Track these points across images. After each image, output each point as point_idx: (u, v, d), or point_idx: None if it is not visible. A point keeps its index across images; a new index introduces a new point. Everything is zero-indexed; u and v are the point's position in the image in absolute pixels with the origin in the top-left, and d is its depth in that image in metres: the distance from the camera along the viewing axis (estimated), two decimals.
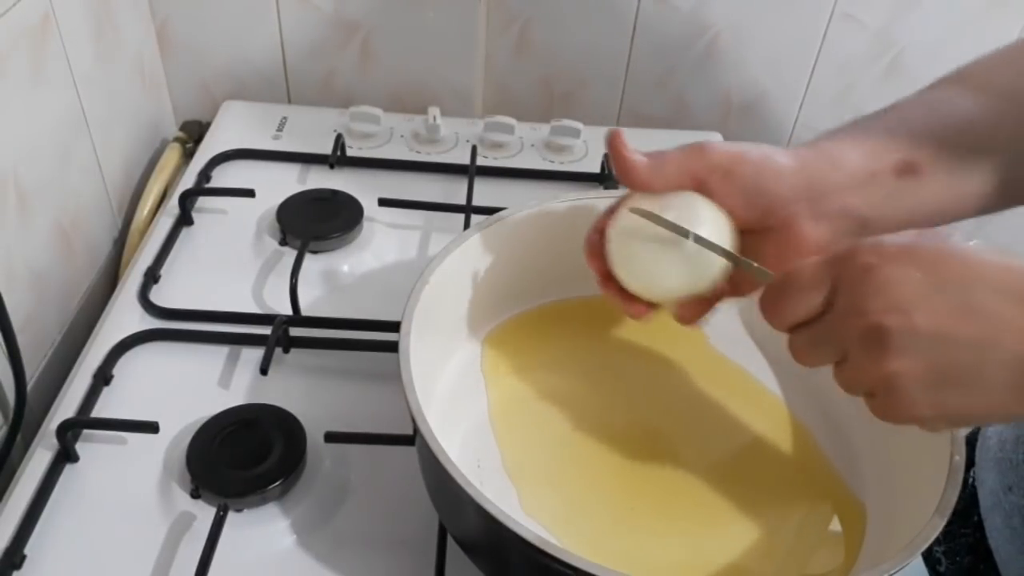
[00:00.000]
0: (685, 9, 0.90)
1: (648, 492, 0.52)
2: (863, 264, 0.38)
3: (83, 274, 0.76)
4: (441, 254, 0.54)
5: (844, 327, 0.39)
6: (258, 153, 0.83)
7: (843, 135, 0.49)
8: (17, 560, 0.50)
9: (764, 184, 0.46)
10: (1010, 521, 0.57)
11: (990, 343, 0.36)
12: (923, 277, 0.37)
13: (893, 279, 0.37)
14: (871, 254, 0.38)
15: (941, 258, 0.38)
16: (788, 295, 0.41)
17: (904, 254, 0.38)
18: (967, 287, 0.37)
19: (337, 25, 0.90)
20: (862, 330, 0.38)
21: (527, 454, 0.53)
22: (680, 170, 0.47)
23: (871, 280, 0.38)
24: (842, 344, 0.39)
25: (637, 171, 0.47)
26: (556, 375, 0.58)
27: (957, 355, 0.37)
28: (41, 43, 0.67)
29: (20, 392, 0.61)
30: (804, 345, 0.41)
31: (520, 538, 0.39)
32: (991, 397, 0.37)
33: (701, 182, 0.47)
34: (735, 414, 0.57)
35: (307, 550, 0.53)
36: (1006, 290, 0.37)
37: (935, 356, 0.37)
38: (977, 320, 0.37)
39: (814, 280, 0.40)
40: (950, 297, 0.37)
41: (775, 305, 0.42)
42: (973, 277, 0.37)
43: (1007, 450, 0.59)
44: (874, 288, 0.38)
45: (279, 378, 0.62)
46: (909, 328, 0.37)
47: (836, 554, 0.49)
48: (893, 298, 0.37)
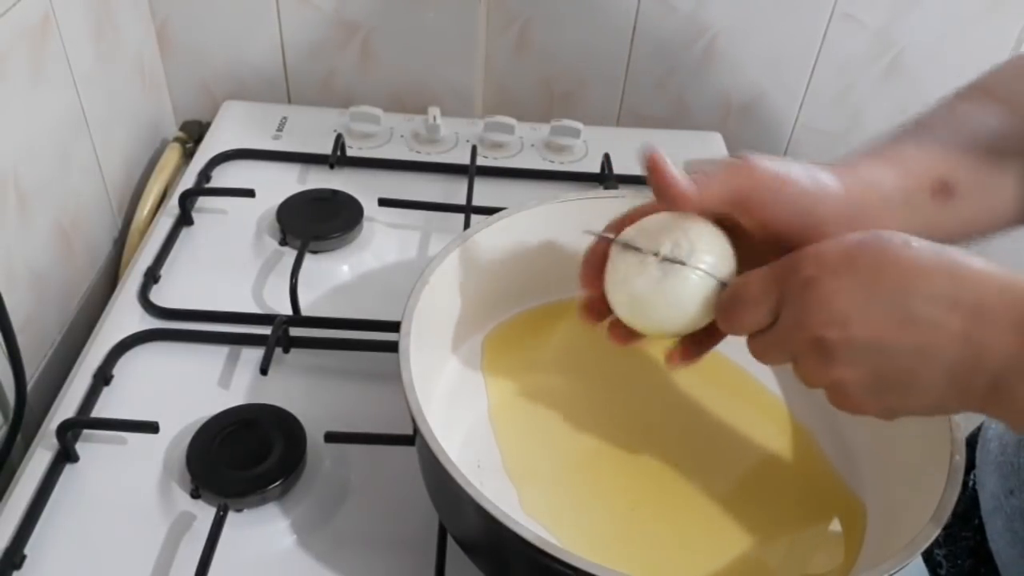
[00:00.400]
0: (685, 10, 0.90)
1: (648, 492, 0.52)
2: (804, 278, 0.40)
3: (83, 274, 0.76)
4: (441, 254, 0.54)
5: (790, 338, 0.41)
6: (258, 153, 0.83)
7: (877, 156, 0.48)
8: (17, 560, 0.50)
9: (809, 206, 0.45)
10: (1011, 524, 0.57)
11: (926, 349, 0.38)
12: (861, 288, 0.39)
13: (833, 292, 0.39)
14: (812, 266, 0.40)
15: (879, 266, 0.39)
16: (738, 307, 0.43)
17: (844, 265, 0.40)
18: (903, 295, 0.38)
19: (337, 25, 0.90)
20: (807, 341, 0.40)
21: (527, 454, 0.54)
22: (726, 188, 0.45)
23: (812, 294, 0.40)
24: (790, 350, 0.42)
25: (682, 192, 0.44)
26: (556, 375, 0.58)
27: (896, 362, 0.39)
28: (41, 43, 0.67)
29: (20, 392, 0.61)
30: (759, 349, 0.44)
31: (520, 538, 0.39)
32: (930, 398, 0.39)
33: (745, 199, 0.45)
34: (736, 415, 0.57)
35: (307, 550, 0.53)
36: (940, 296, 0.38)
37: (875, 364, 0.39)
38: (913, 328, 0.38)
39: (761, 293, 0.42)
40: (887, 307, 0.38)
41: (729, 316, 0.44)
42: (909, 285, 0.38)
43: (1008, 453, 0.59)
44: (815, 302, 0.39)
45: (279, 378, 0.62)
46: (848, 340, 0.39)
47: (836, 554, 0.49)
48: (832, 312, 0.39)
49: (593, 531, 0.50)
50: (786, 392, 0.58)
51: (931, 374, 0.38)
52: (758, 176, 0.45)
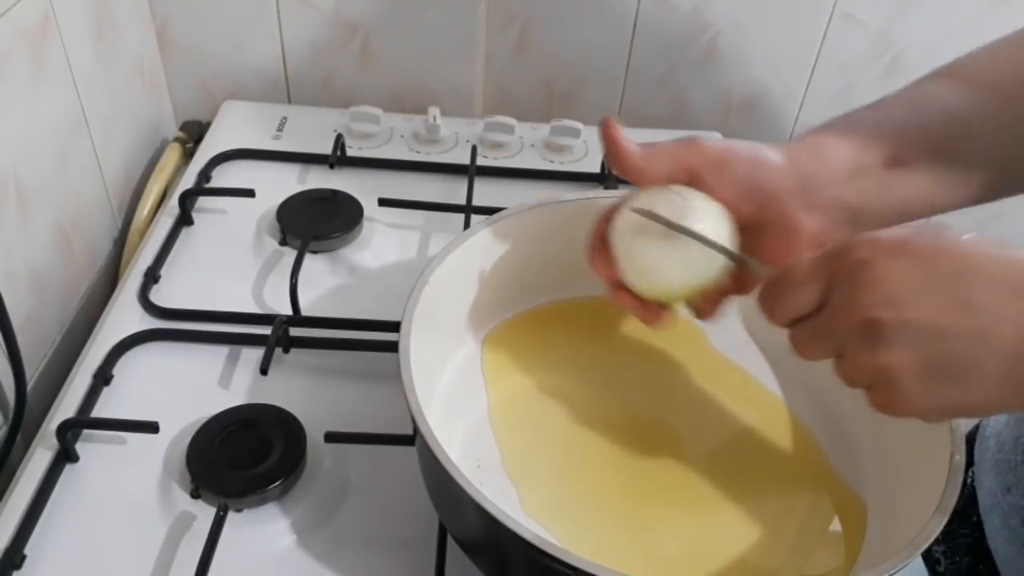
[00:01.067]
0: (685, 9, 0.90)
1: (648, 492, 0.52)
2: (858, 259, 0.39)
3: (83, 274, 0.76)
4: (441, 254, 0.54)
5: (840, 321, 0.39)
6: (258, 153, 0.83)
7: (830, 130, 0.49)
8: (17, 560, 0.50)
9: (757, 178, 0.46)
10: (1008, 522, 0.57)
11: (984, 335, 0.37)
12: (917, 271, 0.38)
13: (887, 273, 0.38)
14: (866, 249, 0.39)
15: (936, 252, 0.38)
16: (785, 290, 0.41)
17: (899, 248, 0.38)
18: (961, 280, 0.37)
19: (337, 25, 0.90)
20: (857, 324, 0.38)
21: (527, 454, 0.53)
22: (673, 160, 0.47)
23: (865, 275, 0.38)
24: (839, 338, 0.40)
25: (631, 159, 0.47)
26: (556, 375, 0.58)
27: (951, 347, 0.37)
28: (41, 43, 0.67)
29: (20, 392, 0.61)
30: (803, 339, 0.42)
31: (520, 538, 0.39)
32: (986, 389, 0.38)
33: (694, 174, 0.47)
34: (735, 414, 0.57)
35: (307, 550, 0.53)
36: (1000, 282, 0.37)
37: (929, 349, 0.37)
38: (971, 312, 0.37)
39: (810, 275, 0.40)
40: (944, 290, 0.37)
41: (772, 301, 0.42)
42: (967, 270, 0.37)
43: (1006, 451, 0.59)
44: (868, 282, 0.38)
45: (279, 378, 0.62)
46: (902, 321, 0.37)
47: (836, 554, 0.49)
48: (887, 292, 0.38)
49: (593, 531, 0.50)
50: (786, 392, 0.58)
51: (988, 362, 0.37)
52: (702, 149, 0.47)
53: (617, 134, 0.47)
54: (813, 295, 0.40)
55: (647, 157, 0.47)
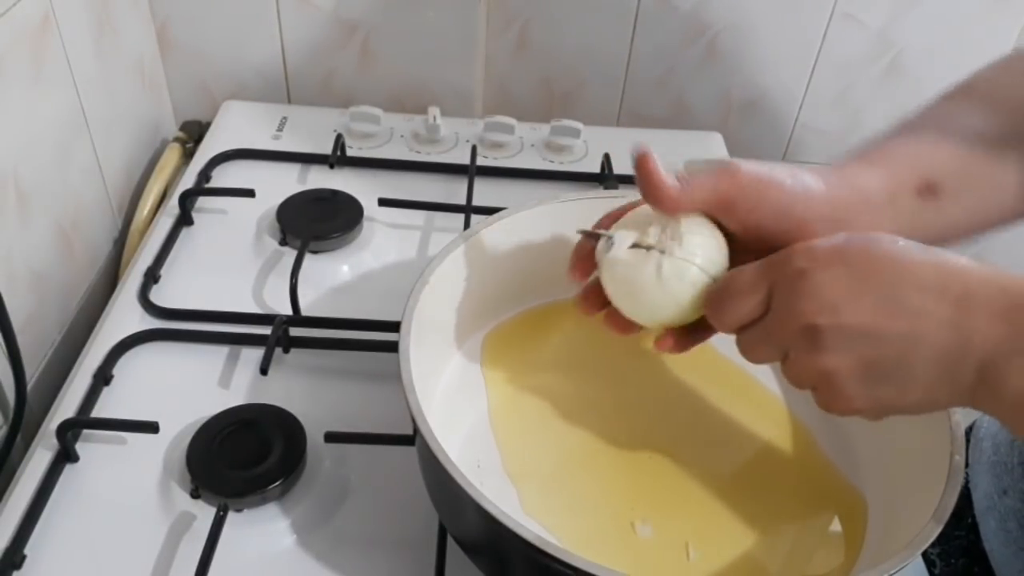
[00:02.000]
0: (685, 9, 0.90)
1: (648, 491, 0.52)
2: (796, 269, 0.41)
3: (83, 274, 0.77)
4: (441, 254, 0.54)
5: (782, 328, 0.41)
6: (258, 153, 0.83)
7: (862, 158, 0.49)
8: (17, 560, 0.50)
9: (792, 208, 0.45)
10: (1005, 524, 0.57)
11: (915, 336, 0.38)
12: (852, 278, 0.39)
13: (824, 281, 0.40)
14: (803, 258, 0.41)
15: (868, 259, 0.40)
16: (728, 299, 0.43)
17: (835, 257, 0.40)
18: (893, 285, 0.39)
19: (337, 25, 0.90)
20: (798, 330, 0.40)
21: (527, 454, 0.54)
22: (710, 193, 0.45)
23: (804, 283, 0.40)
24: (781, 343, 0.42)
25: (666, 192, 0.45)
26: (556, 375, 0.58)
27: (886, 350, 0.39)
28: (41, 43, 0.67)
29: (20, 392, 0.61)
30: (749, 344, 0.44)
31: (520, 538, 0.39)
32: (921, 389, 0.39)
33: (730, 203, 0.45)
34: (735, 414, 0.57)
35: (307, 550, 0.53)
36: (929, 286, 0.39)
37: (865, 351, 0.39)
38: (903, 316, 0.39)
39: (752, 285, 0.42)
40: (877, 295, 0.39)
41: (719, 309, 0.44)
42: (898, 275, 0.39)
43: (1001, 453, 0.59)
44: (807, 291, 0.40)
45: (279, 378, 0.62)
46: (839, 326, 0.39)
47: (836, 554, 0.49)
48: (824, 299, 0.39)
49: (593, 531, 0.50)
50: (786, 391, 0.58)
51: (921, 362, 0.39)
52: (742, 179, 0.45)
53: (654, 167, 0.45)
54: (756, 303, 0.42)
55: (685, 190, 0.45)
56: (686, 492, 0.52)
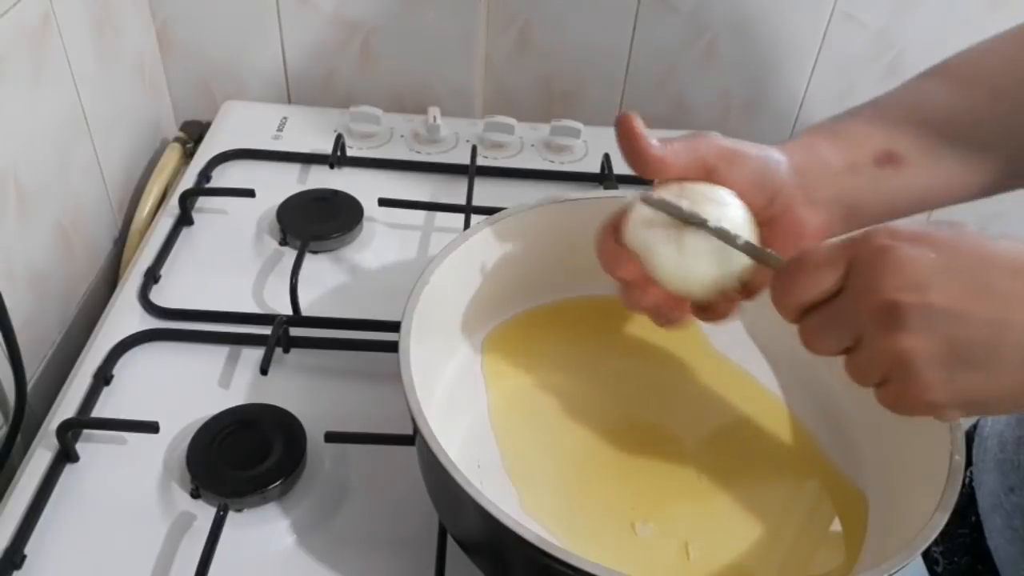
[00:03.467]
0: (685, 9, 0.90)
1: (648, 491, 0.52)
2: (878, 245, 0.38)
3: (83, 274, 0.77)
4: (441, 254, 0.54)
5: (858, 306, 0.38)
6: (258, 153, 0.83)
7: (823, 129, 0.50)
8: (17, 560, 0.50)
9: (768, 172, 0.46)
10: (1011, 522, 0.57)
11: (1005, 322, 0.36)
12: (938, 257, 0.37)
13: (908, 258, 0.37)
14: (886, 236, 0.38)
15: (956, 240, 0.38)
16: (801, 274, 0.40)
17: (920, 236, 0.38)
18: (982, 267, 0.37)
19: (337, 25, 0.90)
20: (876, 307, 0.37)
21: (527, 454, 0.53)
22: (691, 153, 0.46)
23: (886, 259, 0.38)
24: (855, 324, 0.39)
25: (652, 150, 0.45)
26: (556, 375, 0.58)
27: (972, 333, 0.37)
28: (41, 43, 0.67)
29: (20, 392, 0.61)
30: (816, 329, 0.40)
31: (520, 538, 0.39)
32: (1006, 377, 0.37)
33: (711, 168, 0.46)
34: (736, 414, 0.57)
35: (307, 550, 0.53)
36: (1020, 270, 0.37)
37: (950, 334, 0.37)
38: (992, 299, 0.37)
39: (828, 259, 0.39)
40: (965, 276, 0.37)
41: (788, 284, 0.41)
42: (987, 259, 0.37)
43: (1008, 451, 0.59)
44: (889, 267, 0.37)
45: (279, 378, 0.62)
46: (924, 305, 0.37)
47: (837, 554, 0.49)
48: (908, 276, 0.37)
49: (593, 531, 0.50)
50: (787, 393, 0.58)
51: (1007, 349, 0.36)
52: (716, 145, 0.46)
53: (637, 127, 0.45)
54: (831, 279, 0.39)
55: (670, 153, 0.46)
56: (686, 492, 0.52)
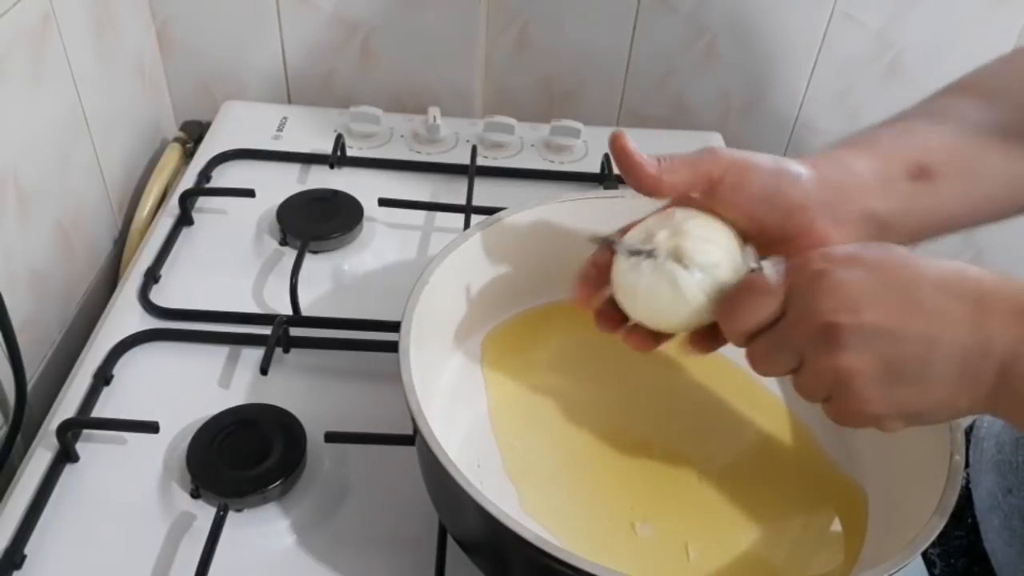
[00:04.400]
0: (685, 9, 0.90)
1: (648, 491, 0.52)
2: (814, 270, 0.40)
3: (83, 274, 0.77)
4: (441, 254, 0.54)
5: (798, 329, 0.41)
6: (258, 153, 0.83)
7: (852, 144, 0.49)
8: (17, 560, 0.50)
9: (783, 188, 0.45)
10: (1009, 523, 0.57)
11: (936, 337, 0.38)
12: (871, 278, 0.39)
13: (842, 281, 0.40)
14: (821, 260, 0.41)
15: (886, 262, 0.40)
16: (744, 302, 0.43)
17: (851, 259, 0.40)
18: (911, 286, 0.39)
19: (337, 25, 0.90)
20: (815, 329, 0.40)
21: (527, 454, 0.53)
22: (691, 169, 0.46)
23: (822, 283, 0.40)
24: (797, 346, 0.41)
25: (645, 169, 0.45)
26: (556, 375, 0.58)
27: (905, 349, 0.39)
28: (41, 43, 0.67)
29: (20, 392, 0.61)
30: (761, 352, 0.43)
31: (520, 538, 0.39)
32: (940, 390, 0.39)
33: (713, 183, 0.46)
34: (736, 415, 0.57)
35: (307, 550, 0.53)
36: (947, 288, 0.39)
37: (885, 351, 0.39)
38: (922, 315, 0.39)
39: (768, 288, 0.42)
40: (897, 295, 0.39)
41: (732, 313, 0.43)
42: (916, 278, 0.39)
43: (1006, 452, 0.59)
44: (826, 289, 0.40)
45: (279, 378, 0.62)
46: (858, 325, 0.39)
47: (837, 554, 0.49)
48: (843, 298, 0.39)
49: (593, 531, 0.50)
50: (787, 393, 0.58)
51: (941, 361, 0.38)
52: (722, 159, 0.46)
53: (628, 146, 0.45)
54: (772, 306, 0.42)
55: (662, 168, 0.46)
56: (686, 492, 0.52)
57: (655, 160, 0.46)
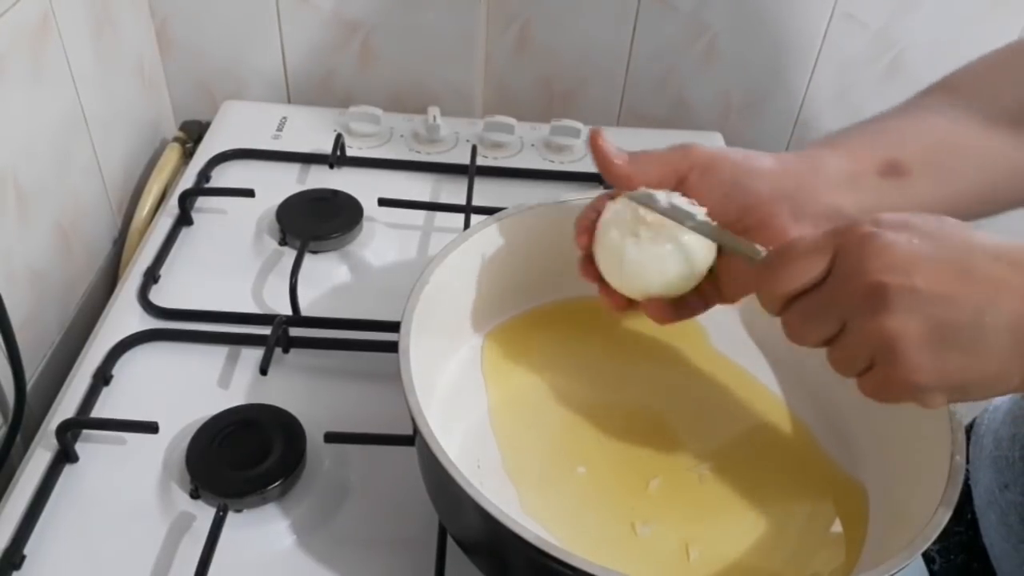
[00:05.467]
0: (685, 9, 0.90)
1: (648, 492, 0.52)
2: (864, 232, 0.39)
3: (83, 274, 0.76)
4: (441, 254, 0.54)
5: (844, 290, 0.39)
6: (258, 153, 0.83)
7: (825, 143, 0.50)
8: (17, 560, 0.50)
9: (743, 182, 0.47)
10: (1005, 518, 0.57)
11: (989, 304, 0.37)
12: (923, 241, 0.38)
13: (893, 242, 0.38)
14: (871, 223, 0.39)
15: (938, 227, 0.39)
16: (790, 263, 0.40)
17: (903, 224, 0.39)
18: (965, 251, 0.38)
19: (337, 25, 0.90)
20: (862, 289, 0.38)
21: (527, 454, 0.53)
22: (661, 165, 0.48)
23: (872, 244, 0.38)
24: (841, 310, 0.39)
25: (616, 166, 0.48)
26: (556, 375, 0.58)
27: (957, 315, 0.37)
28: (41, 43, 0.67)
29: (20, 392, 0.61)
30: (801, 318, 0.40)
31: (520, 538, 0.39)
32: (991, 360, 0.37)
33: (681, 178, 0.48)
34: (735, 414, 0.57)
35: (307, 550, 0.53)
36: (1002, 255, 0.38)
37: (936, 315, 0.37)
38: (976, 282, 0.37)
39: (815, 247, 0.40)
40: (949, 260, 0.38)
41: (775, 273, 0.41)
42: (969, 244, 0.38)
43: (1003, 448, 0.59)
44: (875, 250, 0.38)
45: (279, 378, 0.62)
46: (909, 287, 0.37)
47: (838, 554, 0.49)
48: (893, 259, 0.38)
49: (593, 531, 0.50)
50: (787, 393, 0.58)
51: (995, 332, 0.37)
52: (690, 154, 0.48)
53: (603, 142, 0.48)
54: (819, 267, 0.39)
55: (633, 163, 0.48)
56: (686, 492, 0.52)
57: (626, 155, 0.49)
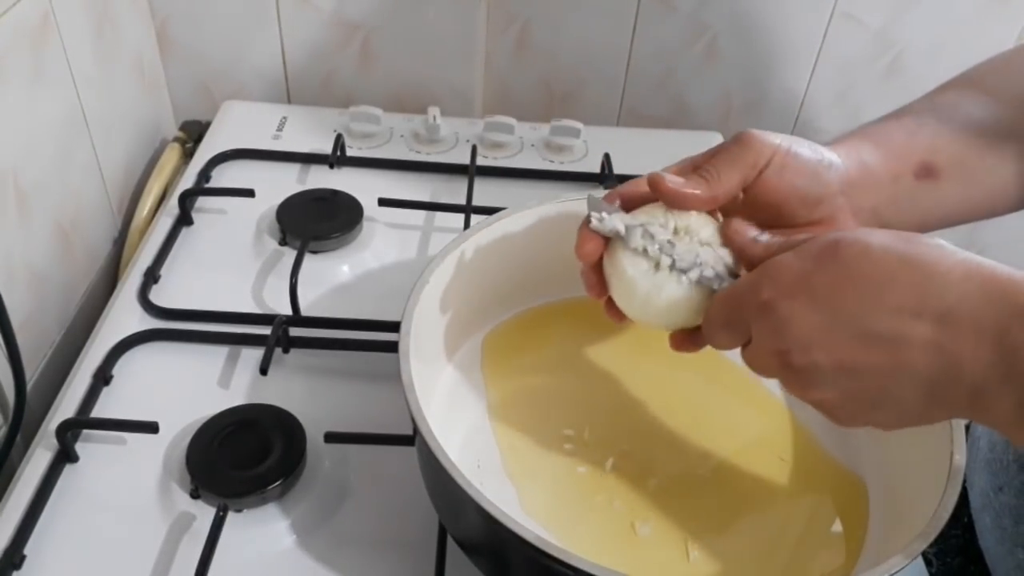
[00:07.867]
0: (685, 9, 0.90)
1: (648, 492, 0.52)
2: (761, 302, 0.40)
3: (83, 274, 0.76)
4: (441, 254, 0.54)
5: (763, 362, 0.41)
6: (258, 153, 0.83)
7: (864, 137, 0.49)
8: (17, 560, 0.50)
9: (817, 176, 0.45)
10: (1000, 521, 0.57)
11: (897, 368, 0.37)
12: (818, 312, 0.38)
13: (789, 316, 0.38)
14: (768, 288, 0.39)
15: (836, 285, 0.38)
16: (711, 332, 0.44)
17: (799, 286, 0.38)
18: (863, 313, 0.37)
19: (337, 25, 0.90)
20: (777, 367, 0.40)
21: (527, 454, 0.53)
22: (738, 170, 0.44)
23: (769, 320, 0.39)
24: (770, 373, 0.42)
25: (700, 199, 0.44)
26: (556, 375, 0.58)
27: (866, 383, 0.38)
28: (41, 43, 0.67)
29: (20, 392, 0.61)
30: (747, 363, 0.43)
31: (520, 538, 0.39)
32: (913, 412, 0.38)
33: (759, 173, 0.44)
34: (736, 415, 0.57)
35: (307, 550, 0.53)
36: (905, 305, 0.36)
37: (845, 386, 0.38)
38: (879, 346, 0.37)
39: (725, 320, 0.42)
40: (847, 327, 0.37)
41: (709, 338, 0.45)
42: (868, 301, 0.37)
43: (997, 451, 0.59)
44: (774, 328, 0.39)
45: (279, 378, 0.62)
46: (813, 365, 0.38)
47: (837, 555, 0.49)
48: (793, 337, 0.38)
49: (593, 531, 0.50)
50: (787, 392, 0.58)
51: (906, 391, 0.37)
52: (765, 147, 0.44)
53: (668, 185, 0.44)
54: (737, 335, 0.42)
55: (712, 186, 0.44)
56: (686, 492, 0.52)
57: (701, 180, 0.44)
